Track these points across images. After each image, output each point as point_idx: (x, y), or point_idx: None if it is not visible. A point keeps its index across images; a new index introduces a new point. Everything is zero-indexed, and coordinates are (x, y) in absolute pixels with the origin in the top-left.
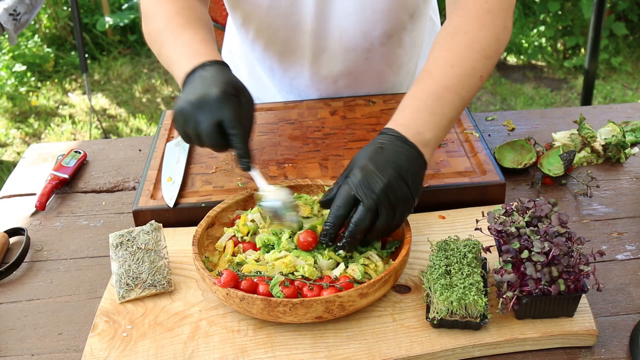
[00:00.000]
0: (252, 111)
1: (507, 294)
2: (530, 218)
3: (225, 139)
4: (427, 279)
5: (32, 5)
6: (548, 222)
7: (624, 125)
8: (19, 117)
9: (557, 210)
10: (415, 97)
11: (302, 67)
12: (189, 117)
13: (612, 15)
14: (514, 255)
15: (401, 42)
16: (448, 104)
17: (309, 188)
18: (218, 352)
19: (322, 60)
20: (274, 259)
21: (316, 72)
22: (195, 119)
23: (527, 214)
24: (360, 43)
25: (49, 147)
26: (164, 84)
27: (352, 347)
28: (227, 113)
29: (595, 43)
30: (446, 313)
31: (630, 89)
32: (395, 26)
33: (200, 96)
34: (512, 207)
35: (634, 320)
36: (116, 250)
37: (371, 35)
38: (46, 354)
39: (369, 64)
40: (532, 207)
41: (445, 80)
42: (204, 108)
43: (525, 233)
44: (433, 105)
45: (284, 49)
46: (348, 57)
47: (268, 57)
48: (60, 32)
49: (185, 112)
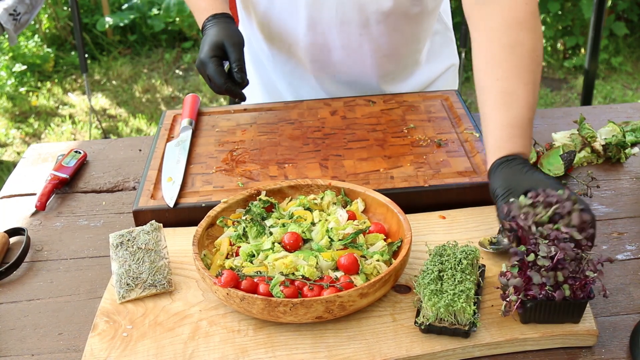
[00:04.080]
0: (240, 48)
1: (510, 297)
2: (553, 214)
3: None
4: (418, 284)
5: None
6: (569, 219)
7: (624, 125)
8: (19, 117)
9: (578, 208)
10: (517, 125)
11: (296, 36)
12: (198, 66)
13: (612, 15)
14: (521, 258)
15: (399, 27)
16: (532, 121)
17: (309, 188)
18: (218, 352)
19: (316, 31)
20: (274, 259)
21: (311, 42)
22: (201, 64)
23: (550, 209)
24: (355, 17)
25: (49, 147)
26: (164, 84)
27: (352, 347)
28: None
29: (595, 43)
30: (434, 319)
31: (630, 89)
32: (394, 6)
33: (202, 51)
34: (538, 200)
35: (634, 320)
36: (116, 250)
37: (367, 9)
38: (46, 354)
39: (363, 41)
40: (555, 203)
41: (531, 101)
42: (204, 56)
43: (538, 232)
44: (529, 129)
45: (279, 17)
46: (343, 29)
47: (266, 26)
48: (60, 32)
49: (196, 64)
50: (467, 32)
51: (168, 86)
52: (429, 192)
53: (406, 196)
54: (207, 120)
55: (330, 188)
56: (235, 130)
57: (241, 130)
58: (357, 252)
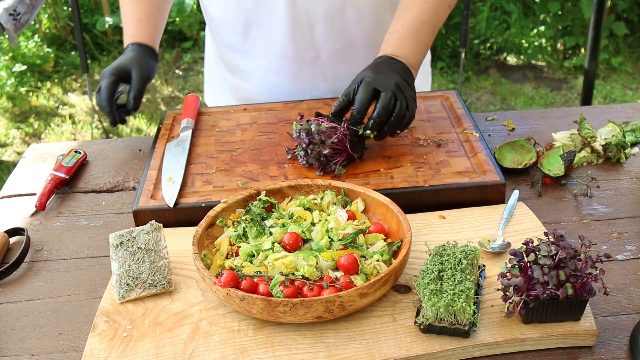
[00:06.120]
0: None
1: (513, 298)
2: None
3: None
4: (418, 284)
5: (32, 5)
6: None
7: (624, 125)
8: (19, 117)
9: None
10: (398, 31)
11: (276, 16)
12: (102, 76)
13: (612, 15)
14: (521, 259)
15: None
16: (424, 34)
17: (309, 188)
18: (218, 352)
19: (297, 6)
20: (274, 259)
21: (292, 16)
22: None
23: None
24: None
25: (49, 147)
26: (164, 84)
27: (352, 347)
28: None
29: (595, 43)
30: (434, 319)
31: (630, 89)
32: None
33: (109, 66)
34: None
35: (634, 320)
36: (116, 250)
37: None
38: (46, 354)
39: (344, 10)
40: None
41: (421, 15)
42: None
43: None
44: (412, 36)
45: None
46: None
47: (242, 16)
48: (60, 32)
49: (102, 73)
50: (467, 32)
51: (168, 86)
52: (429, 192)
53: (406, 196)
54: (207, 120)
55: (330, 188)
56: (235, 130)
57: (241, 130)
58: (357, 252)
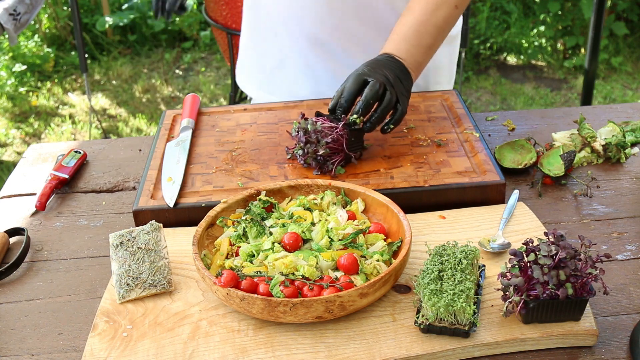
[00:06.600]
0: None
1: (513, 298)
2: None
3: None
4: (418, 283)
5: (32, 5)
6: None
7: (624, 125)
8: (19, 117)
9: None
10: (398, 31)
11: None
12: None
13: (612, 15)
14: (521, 259)
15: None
16: (425, 35)
17: (309, 188)
18: (218, 352)
19: None
20: (274, 259)
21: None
22: None
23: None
24: None
25: (49, 147)
26: (164, 84)
27: (352, 347)
28: None
29: (595, 43)
30: (434, 319)
31: (630, 89)
32: None
33: None
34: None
35: (634, 320)
36: (116, 250)
37: None
38: (46, 354)
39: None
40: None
41: (422, 15)
42: None
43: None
44: (412, 38)
45: None
46: None
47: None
48: (60, 32)
49: None
50: (467, 32)
51: (168, 86)
52: (429, 192)
53: (406, 196)
54: (207, 120)
55: (330, 188)
56: (235, 130)
57: (241, 130)
58: (357, 252)
